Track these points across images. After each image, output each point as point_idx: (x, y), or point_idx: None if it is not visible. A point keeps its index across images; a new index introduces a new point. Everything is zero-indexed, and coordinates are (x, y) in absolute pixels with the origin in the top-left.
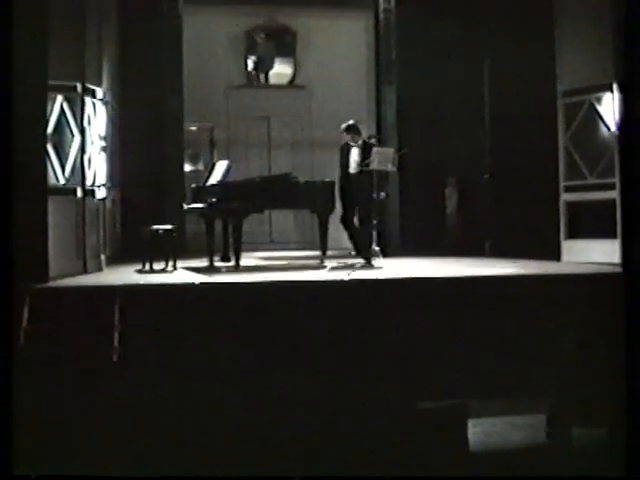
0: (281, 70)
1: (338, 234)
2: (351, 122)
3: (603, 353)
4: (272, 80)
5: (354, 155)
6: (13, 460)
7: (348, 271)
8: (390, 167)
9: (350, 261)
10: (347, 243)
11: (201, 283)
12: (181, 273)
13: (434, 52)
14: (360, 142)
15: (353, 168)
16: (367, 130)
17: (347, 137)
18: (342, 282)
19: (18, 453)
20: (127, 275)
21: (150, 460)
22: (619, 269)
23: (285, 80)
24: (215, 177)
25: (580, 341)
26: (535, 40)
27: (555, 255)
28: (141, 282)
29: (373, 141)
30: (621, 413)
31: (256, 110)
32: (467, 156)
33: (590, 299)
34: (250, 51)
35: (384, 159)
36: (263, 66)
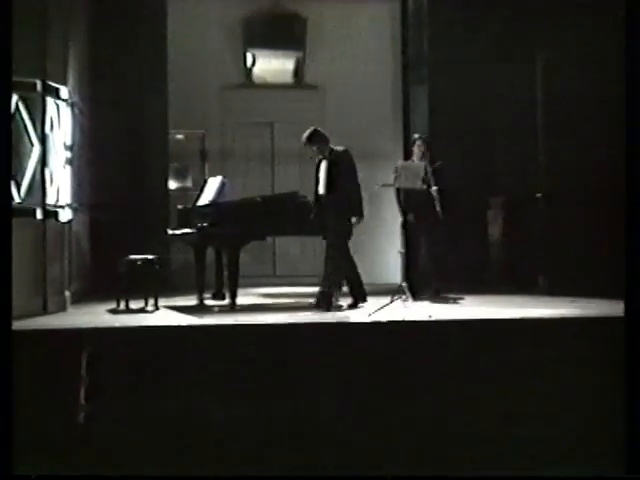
0: (288, 66)
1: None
2: (313, 129)
3: None
4: (277, 78)
5: (322, 170)
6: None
7: (370, 310)
8: (420, 185)
9: (372, 299)
10: (370, 276)
11: (188, 326)
12: (164, 313)
13: (475, 45)
14: (327, 152)
15: (322, 188)
16: (393, 140)
17: (312, 150)
18: (361, 325)
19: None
20: (97, 316)
21: None
22: None
23: (293, 78)
24: (207, 196)
25: None
26: (601, 29)
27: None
28: (115, 324)
29: (419, 144)
30: None
31: (257, 114)
32: (515, 171)
33: None
34: (250, 43)
35: (412, 175)
36: (266, 61)
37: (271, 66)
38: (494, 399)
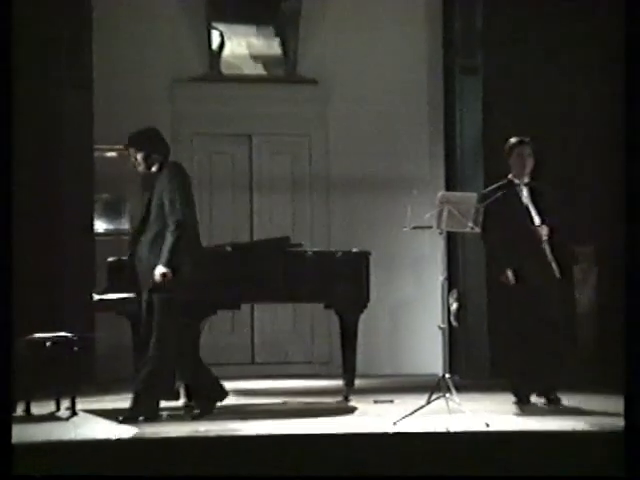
0: (273, 50)
1: (376, 346)
2: (143, 128)
3: None
4: (257, 68)
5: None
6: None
7: (397, 416)
8: (471, 227)
9: (399, 399)
10: (394, 364)
11: (121, 441)
12: (85, 421)
13: (554, 18)
14: (155, 166)
15: (139, 222)
16: (430, 159)
17: (135, 160)
18: (383, 438)
19: None
20: None
21: None
22: None
23: (281, 68)
24: None
25: None
26: None
27: None
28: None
29: (518, 152)
30: None
31: (228, 122)
32: (612, 209)
33: None
34: (216, 15)
35: (461, 212)
36: (240, 42)
37: (248, 50)
38: None
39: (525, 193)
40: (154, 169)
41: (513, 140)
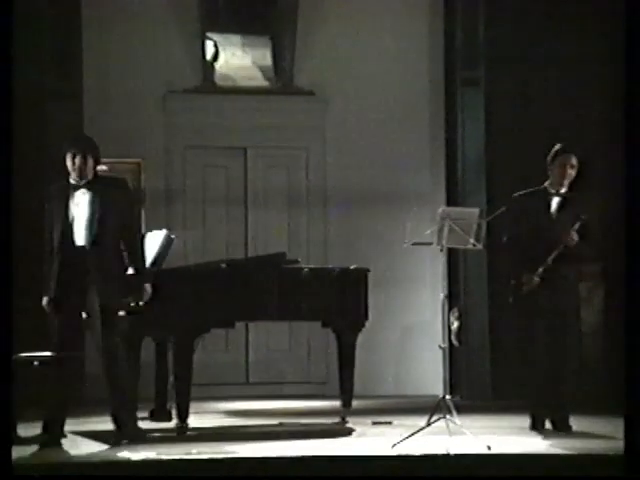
0: (268, 61)
1: (376, 366)
2: (85, 136)
3: None
4: (252, 79)
5: (84, 206)
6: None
7: (395, 439)
8: (472, 243)
9: (398, 420)
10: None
11: (110, 463)
12: (73, 443)
13: (558, 28)
14: (90, 177)
15: (83, 238)
16: (430, 173)
17: (75, 163)
18: (380, 461)
19: None
20: None
21: None
22: None
23: (276, 79)
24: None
25: None
26: None
27: None
28: None
29: (561, 161)
30: None
31: (222, 134)
32: (622, 222)
33: None
34: (210, 24)
35: (463, 228)
36: (235, 52)
37: (243, 60)
38: None
39: (555, 204)
40: (87, 179)
41: (558, 147)
